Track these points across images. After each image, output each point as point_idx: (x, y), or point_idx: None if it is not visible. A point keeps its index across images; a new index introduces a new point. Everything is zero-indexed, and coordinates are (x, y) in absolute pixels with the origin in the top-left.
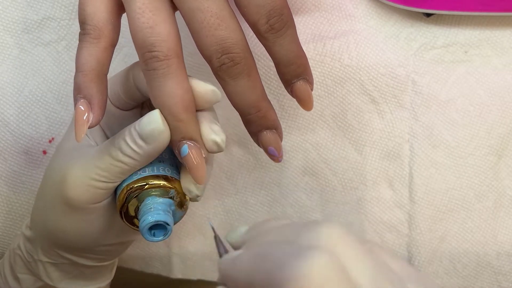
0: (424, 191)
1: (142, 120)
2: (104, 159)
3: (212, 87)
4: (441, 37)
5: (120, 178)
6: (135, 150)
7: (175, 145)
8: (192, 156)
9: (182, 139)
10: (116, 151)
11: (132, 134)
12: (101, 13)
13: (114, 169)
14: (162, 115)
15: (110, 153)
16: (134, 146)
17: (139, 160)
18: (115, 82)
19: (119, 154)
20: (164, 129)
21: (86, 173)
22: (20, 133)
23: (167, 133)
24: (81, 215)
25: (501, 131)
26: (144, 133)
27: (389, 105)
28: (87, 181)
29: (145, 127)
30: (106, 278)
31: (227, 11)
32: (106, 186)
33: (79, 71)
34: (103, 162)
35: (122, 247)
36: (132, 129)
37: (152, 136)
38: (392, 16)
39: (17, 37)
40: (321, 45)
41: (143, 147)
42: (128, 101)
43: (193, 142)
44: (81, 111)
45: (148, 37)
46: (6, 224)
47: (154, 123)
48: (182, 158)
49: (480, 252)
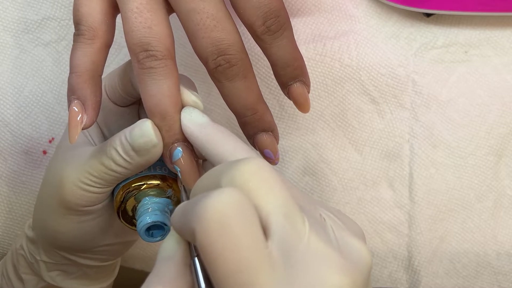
0: (424, 191)
1: (134, 131)
2: (97, 167)
3: (195, 99)
4: (441, 37)
5: (114, 184)
6: (128, 161)
7: (167, 147)
8: (185, 160)
9: (176, 141)
10: (109, 160)
11: (124, 144)
12: (96, 14)
13: (108, 177)
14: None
15: (102, 162)
16: (127, 157)
17: (132, 170)
18: (113, 77)
19: (112, 164)
20: (157, 142)
21: (80, 178)
22: (20, 133)
23: (160, 146)
24: (79, 216)
25: (501, 131)
26: (136, 146)
27: (389, 105)
28: (82, 185)
29: (137, 139)
30: (109, 277)
31: (223, 12)
32: (101, 191)
33: (73, 72)
34: (96, 170)
35: (123, 246)
36: (123, 139)
37: (145, 149)
38: (392, 16)
39: (17, 37)
40: (321, 45)
41: (136, 159)
42: (126, 96)
43: (186, 144)
44: (75, 112)
45: (145, 36)
46: (7, 224)
47: (146, 136)
48: (175, 162)
49: (480, 252)
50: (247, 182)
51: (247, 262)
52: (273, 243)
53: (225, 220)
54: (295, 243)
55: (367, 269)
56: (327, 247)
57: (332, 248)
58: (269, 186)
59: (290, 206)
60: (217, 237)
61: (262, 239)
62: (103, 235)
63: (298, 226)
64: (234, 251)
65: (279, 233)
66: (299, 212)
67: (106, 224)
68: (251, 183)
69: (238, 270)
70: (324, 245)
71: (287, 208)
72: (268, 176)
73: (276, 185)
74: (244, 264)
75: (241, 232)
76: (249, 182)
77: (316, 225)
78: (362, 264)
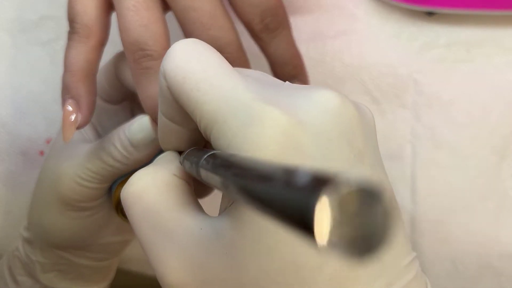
0: (426, 192)
1: (132, 127)
2: (95, 163)
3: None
4: (443, 36)
5: (113, 179)
6: (126, 156)
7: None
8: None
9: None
10: (107, 156)
11: (122, 140)
12: (91, 12)
13: (106, 173)
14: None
15: (100, 158)
16: (125, 153)
17: (131, 165)
18: (99, 75)
19: (110, 159)
20: (155, 137)
21: (78, 174)
22: (18, 134)
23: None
24: (76, 212)
25: (504, 131)
26: (134, 141)
27: (390, 105)
28: (80, 181)
29: (135, 134)
30: (105, 279)
31: (221, 10)
32: (99, 187)
33: (68, 70)
34: (94, 165)
35: (120, 246)
36: (121, 134)
37: (143, 144)
38: (393, 15)
39: (15, 36)
40: (321, 44)
41: (134, 154)
42: (114, 94)
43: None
44: (69, 111)
45: (141, 36)
46: (4, 225)
47: (145, 131)
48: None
49: (482, 253)
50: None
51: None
52: None
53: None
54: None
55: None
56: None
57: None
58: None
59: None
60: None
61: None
62: (100, 232)
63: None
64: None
65: None
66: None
67: (103, 222)
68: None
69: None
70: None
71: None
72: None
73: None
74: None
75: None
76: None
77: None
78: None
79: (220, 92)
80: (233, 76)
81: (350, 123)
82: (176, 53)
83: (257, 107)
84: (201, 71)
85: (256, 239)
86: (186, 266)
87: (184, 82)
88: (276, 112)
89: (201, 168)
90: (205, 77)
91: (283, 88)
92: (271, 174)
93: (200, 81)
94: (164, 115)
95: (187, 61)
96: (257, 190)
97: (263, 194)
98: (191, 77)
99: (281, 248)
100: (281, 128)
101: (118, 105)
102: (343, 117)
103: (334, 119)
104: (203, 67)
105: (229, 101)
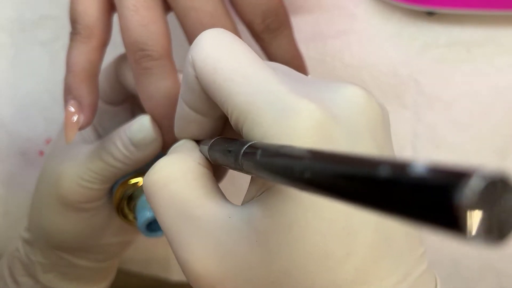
0: None
1: (132, 126)
2: (96, 163)
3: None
4: (443, 36)
5: (114, 180)
6: (127, 156)
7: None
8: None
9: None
10: (108, 156)
11: (123, 140)
12: (93, 12)
13: (107, 173)
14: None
15: (102, 158)
16: (126, 152)
17: (132, 165)
18: (100, 77)
19: (111, 159)
20: (156, 137)
21: (79, 174)
22: (17, 134)
23: (159, 141)
24: (77, 213)
25: (505, 131)
26: (135, 140)
27: (391, 105)
28: (81, 182)
29: (136, 134)
30: (105, 280)
31: (222, 10)
32: (100, 187)
33: (70, 71)
34: (95, 166)
35: (120, 247)
36: (122, 134)
37: (144, 144)
38: (394, 15)
39: (14, 36)
40: (322, 44)
41: (135, 154)
42: (115, 96)
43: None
44: (71, 112)
45: (141, 36)
46: (3, 226)
47: (145, 131)
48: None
49: (482, 253)
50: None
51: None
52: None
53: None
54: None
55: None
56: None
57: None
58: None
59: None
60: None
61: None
62: (101, 233)
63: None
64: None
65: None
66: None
67: (104, 223)
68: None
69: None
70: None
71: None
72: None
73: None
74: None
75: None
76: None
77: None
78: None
79: (254, 83)
80: (265, 68)
81: (375, 118)
82: (206, 42)
83: (293, 99)
84: (234, 62)
85: (289, 227)
86: (213, 254)
87: (215, 72)
88: (312, 105)
89: (244, 158)
90: (238, 67)
91: (310, 82)
92: (380, 168)
93: (233, 72)
94: (187, 104)
95: (218, 51)
96: (375, 186)
97: (383, 191)
98: (223, 67)
99: (312, 236)
100: (316, 121)
101: (119, 107)
102: (370, 113)
103: (362, 114)
104: (235, 57)
105: (263, 93)
